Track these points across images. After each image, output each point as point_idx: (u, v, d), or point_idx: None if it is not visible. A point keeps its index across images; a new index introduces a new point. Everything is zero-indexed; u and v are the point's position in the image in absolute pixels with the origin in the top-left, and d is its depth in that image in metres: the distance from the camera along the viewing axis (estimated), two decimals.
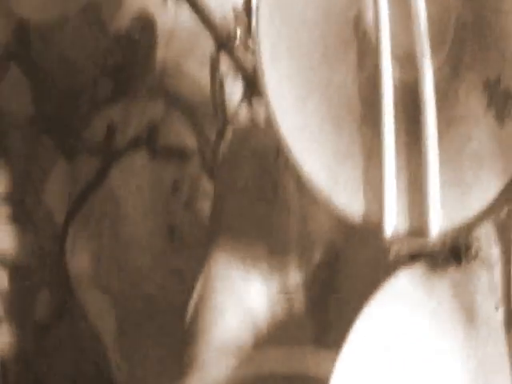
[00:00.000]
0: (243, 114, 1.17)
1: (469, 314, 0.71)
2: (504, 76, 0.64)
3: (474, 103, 0.66)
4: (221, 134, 1.23)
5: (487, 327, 0.71)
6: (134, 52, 1.33)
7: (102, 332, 1.25)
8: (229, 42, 1.00)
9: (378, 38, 0.67)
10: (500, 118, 0.65)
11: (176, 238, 1.27)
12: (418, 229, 0.66)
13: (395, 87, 0.67)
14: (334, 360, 0.67)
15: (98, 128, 1.33)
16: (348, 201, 0.67)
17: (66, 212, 1.32)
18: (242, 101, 1.20)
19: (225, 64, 1.19)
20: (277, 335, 0.83)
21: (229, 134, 1.24)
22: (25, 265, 1.29)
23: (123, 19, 1.30)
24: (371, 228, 0.67)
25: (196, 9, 1.21)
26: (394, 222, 0.66)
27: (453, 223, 0.67)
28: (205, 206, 1.31)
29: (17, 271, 1.28)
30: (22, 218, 1.29)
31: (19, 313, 1.29)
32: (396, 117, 0.66)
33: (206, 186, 1.32)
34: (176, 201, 1.30)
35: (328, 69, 0.69)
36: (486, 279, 0.72)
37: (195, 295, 0.86)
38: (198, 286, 0.88)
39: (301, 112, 0.68)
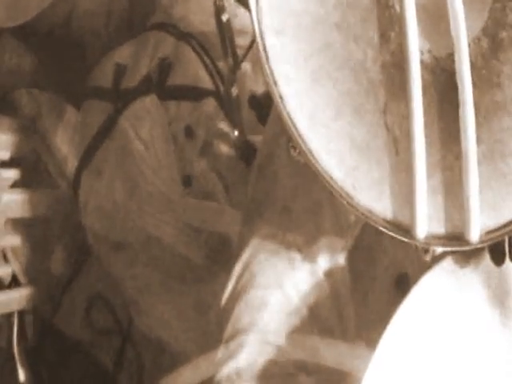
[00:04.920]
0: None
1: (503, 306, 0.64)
2: None
3: None
4: (233, 73, 1.12)
5: None
6: None
7: (120, 288, 1.20)
8: None
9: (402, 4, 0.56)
10: None
11: (192, 189, 1.19)
12: (457, 234, 0.57)
13: (425, 66, 0.56)
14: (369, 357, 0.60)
15: (106, 72, 1.24)
16: (372, 201, 0.57)
17: (78, 161, 1.24)
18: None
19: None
20: (317, 321, 0.75)
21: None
22: (40, 220, 1.24)
23: None
24: (401, 231, 0.57)
25: None
26: (426, 225, 0.56)
27: (494, 224, 0.57)
28: (222, 151, 1.23)
29: (32, 227, 1.23)
30: (34, 174, 1.23)
31: (36, 269, 1.24)
32: (427, 103, 0.55)
33: (223, 128, 1.23)
34: (191, 147, 1.21)
35: (344, 45, 0.57)
36: None
37: (237, 269, 0.77)
38: (242, 260, 0.78)
39: (311, 98, 0.56)
